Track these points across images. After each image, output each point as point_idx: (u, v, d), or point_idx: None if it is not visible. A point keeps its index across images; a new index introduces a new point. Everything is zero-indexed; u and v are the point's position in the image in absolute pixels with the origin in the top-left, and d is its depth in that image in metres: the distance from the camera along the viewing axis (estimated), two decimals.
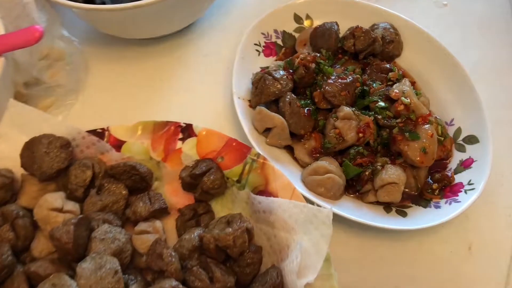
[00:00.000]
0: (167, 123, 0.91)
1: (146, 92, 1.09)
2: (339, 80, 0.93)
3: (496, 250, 0.87)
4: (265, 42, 1.09)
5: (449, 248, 0.87)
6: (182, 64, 1.14)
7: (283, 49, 1.11)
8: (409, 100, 0.88)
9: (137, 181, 0.86)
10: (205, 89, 1.08)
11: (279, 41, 1.11)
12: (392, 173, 0.85)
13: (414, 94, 0.92)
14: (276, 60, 1.09)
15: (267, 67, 1.06)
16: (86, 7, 0.92)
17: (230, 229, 0.73)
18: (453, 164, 0.92)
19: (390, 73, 0.97)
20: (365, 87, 0.95)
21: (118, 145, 0.89)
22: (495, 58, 1.13)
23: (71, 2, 0.92)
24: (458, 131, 0.96)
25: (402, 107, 0.89)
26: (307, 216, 0.73)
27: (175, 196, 0.91)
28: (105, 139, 0.88)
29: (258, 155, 0.86)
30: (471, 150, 0.92)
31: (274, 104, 0.97)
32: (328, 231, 0.67)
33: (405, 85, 0.91)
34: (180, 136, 0.90)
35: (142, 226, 0.80)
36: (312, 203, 0.80)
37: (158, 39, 1.15)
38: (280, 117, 0.91)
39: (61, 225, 0.73)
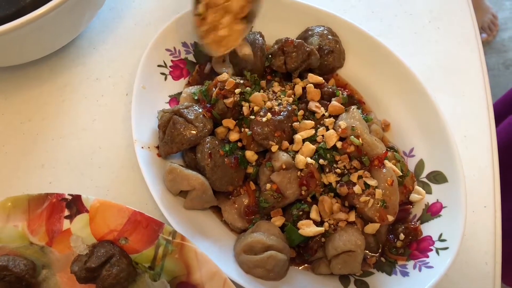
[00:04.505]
0: (46, 196, 0.75)
1: (17, 141, 0.91)
2: (272, 117, 0.76)
3: None
4: (172, 61, 0.91)
5: None
6: (66, 94, 0.96)
7: (197, 66, 0.94)
8: (360, 141, 0.74)
9: (14, 281, 0.72)
10: (100, 132, 0.91)
11: (191, 57, 0.92)
12: (347, 239, 0.73)
13: (366, 127, 0.79)
14: (189, 83, 0.92)
15: (179, 95, 0.87)
16: None
17: None
18: (417, 209, 0.81)
19: (333, 99, 0.81)
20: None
21: None
22: (454, 57, 1.00)
23: None
24: (421, 164, 0.85)
25: (352, 148, 0.76)
26: None
27: (71, 286, 0.76)
28: None
29: (173, 233, 0.72)
30: (438, 191, 0.82)
31: (190, 151, 0.79)
32: None
33: (353, 117, 0.77)
34: (67, 213, 0.75)
35: None
36: None
37: (31, 63, 0.95)
38: (199, 176, 0.76)
39: None
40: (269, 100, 0.83)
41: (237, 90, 0.81)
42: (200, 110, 0.81)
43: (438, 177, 0.82)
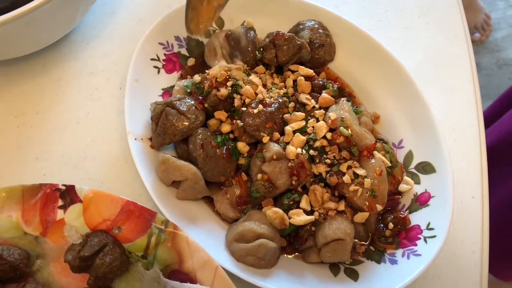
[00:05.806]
0: (40, 186, 0.77)
1: (11, 135, 0.92)
2: (263, 109, 0.77)
3: None
4: (165, 54, 0.92)
5: None
6: (60, 88, 0.97)
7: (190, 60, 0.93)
8: (349, 131, 0.75)
9: (8, 271, 0.73)
10: (93, 125, 0.92)
11: (184, 51, 0.93)
12: (337, 227, 0.75)
13: (355, 119, 0.80)
14: (181, 76, 0.93)
15: (171, 88, 0.88)
16: None
17: None
18: (406, 199, 0.82)
19: (323, 92, 0.82)
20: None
21: None
22: (443, 52, 1.02)
23: None
24: (409, 155, 0.86)
25: (341, 138, 0.78)
26: None
27: (65, 276, 0.77)
28: None
29: (166, 222, 0.73)
30: (426, 182, 0.84)
31: (183, 142, 0.80)
32: None
33: (343, 109, 0.78)
34: (60, 203, 0.76)
35: None
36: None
37: (25, 58, 0.97)
38: (191, 166, 0.77)
39: None
40: (260, 92, 0.85)
41: (229, 83, 0.82)
42: (193, 102, 0.82)
43: (426, 168, 0.83)
